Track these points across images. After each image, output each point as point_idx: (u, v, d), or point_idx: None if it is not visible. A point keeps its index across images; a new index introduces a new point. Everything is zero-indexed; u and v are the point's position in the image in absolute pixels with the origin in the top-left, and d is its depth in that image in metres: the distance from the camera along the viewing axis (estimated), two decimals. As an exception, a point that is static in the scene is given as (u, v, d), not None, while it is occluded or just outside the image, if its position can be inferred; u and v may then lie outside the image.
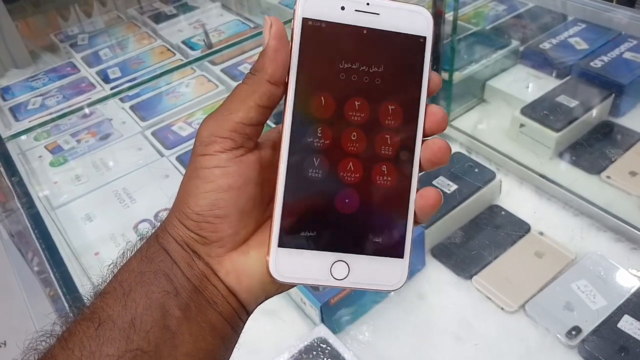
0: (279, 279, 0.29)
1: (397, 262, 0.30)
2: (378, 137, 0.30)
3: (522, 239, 0.78)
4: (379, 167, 0.30)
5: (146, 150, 0.99)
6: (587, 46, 1.02)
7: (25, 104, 1.14)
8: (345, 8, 0.29)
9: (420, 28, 0.30)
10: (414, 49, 0.30)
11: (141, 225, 0.83)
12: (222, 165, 0.29)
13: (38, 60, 1.34)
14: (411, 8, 0.30)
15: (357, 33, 0.29)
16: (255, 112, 0.29)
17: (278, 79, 0.29)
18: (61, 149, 1.01)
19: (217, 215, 0.29)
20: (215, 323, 0.29)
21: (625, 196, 0.82)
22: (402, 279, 0.30)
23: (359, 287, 0.30)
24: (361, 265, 0.30)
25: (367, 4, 0.29)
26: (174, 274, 0.29)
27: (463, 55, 1.04)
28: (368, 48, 0.30)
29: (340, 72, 0.29)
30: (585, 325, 0.67)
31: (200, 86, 1.13)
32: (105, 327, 0.27)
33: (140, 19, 1.40)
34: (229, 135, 0.29)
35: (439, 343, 0.69)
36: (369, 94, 0.30)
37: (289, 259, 0.29)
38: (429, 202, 0.30)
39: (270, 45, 0.28)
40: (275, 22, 0.28)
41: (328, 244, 0.30)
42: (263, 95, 0.29)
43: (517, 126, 0.92)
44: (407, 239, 0.30)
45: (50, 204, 0.89)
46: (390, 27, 0.30)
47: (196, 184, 0.29)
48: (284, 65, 0.29)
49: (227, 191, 0.29)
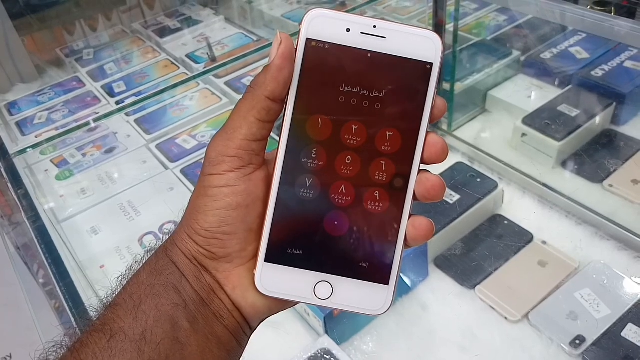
0: (263, 292, 0.30)
1: (382, 289, 0.30)
2: (373, 163, 0.30)
3: (525, 248, 0.78)
4: (371, 192, 0.30)
5: (151, 163, 1.00)
6: (588, 55, 1.02)
7: (32, 119, 1.16)
8: (351, 30, 0.29)
9: (427, 54, 0.29)
10: (419, 75, 0.29)
11: (146, 238, 0.84)
12: (230, 184, 0.29)
13: (44, 75, 1.36)
14: (420, 33, 0.29)
15: (360, 56, 0.29)
16: (257, 128, 0.29)
17: (277, 97, 0.29)
18: (67, 163, 1.02)
19: (225, 232, 0.29)
20: (221, 336, 0.30)
21: (627, 204, 0.82)
22: (386, 305, 0.30)
23: (342, 309, 0.31)
24: (345, 288, 0.30)
25: (373, 27, 0.29)
26: (182, 286, 0.29)
27: (465, 66, 1.04)
28: (370, 72, 0.29)
29: (341, 94, 0.29)
30: (589, 335, 0.67)
31: (204, 99, 1.14)
32: (117, 339, 0.27)
33: (145, 33, 1.42)
34: (236, 154, 0.29)
35: (442, 353, 0.69)
36: (368, 119, 0.29)
37: (274, 274, 0.30)
38: (421, 234, 0.30)
39: (275, 64, 0.28)
40: (285, 41, 0.28)
41: (313, 264, 0.30)
42: (262, 110, 0.29)
43: (519, 136, 0.92)
44: (395, 267, 0.30)
45: (56, 217, 0.90)
46: (396, 52, 0.29)
47: (205, 202, 0.29)
48: (284, 84, 0.29)
49: (236, 209, 0.29)
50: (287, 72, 0.29)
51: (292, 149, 0.30)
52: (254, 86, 0.29)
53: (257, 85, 0.29)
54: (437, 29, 0.92)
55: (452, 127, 1.00)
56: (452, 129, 1.00)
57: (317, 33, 0.29)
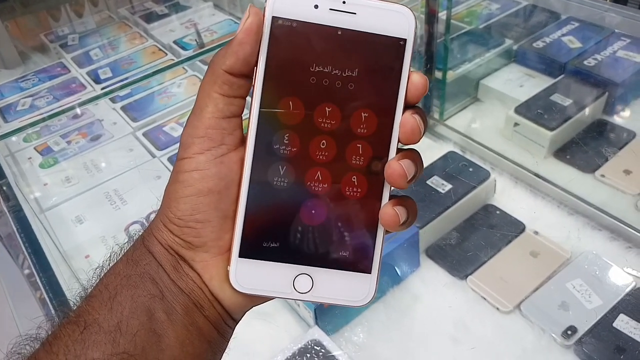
0: (239, 290, 0.28)
1: (364, 278, 0.29)
2: (349, 146, 0.28)
3: (517, 239, 0.77)
4: (348, 177, 0.28)
5: (137, 151, 0.98)
6: (581, 45, 1.02)
7: (15, 105, 1.13)
8: (319, 6, 0.27)
9: (400, 29, 0.28)
10: (391, 52, 0.28)
11: (132, 227, 0.82)
12: (200, 168, 0.28)
13: (28, 60, 1.33)
14: (392, 7, 0.28)
15: (330, 34, 0.27)
16: (222, 103, 0.28)
17: (237, 71, 0.27)
18: (51, 150, 1.00)
19: (198, 220, 0.28)
20: (202, 327, 0.29)
21: (620, 195, 0.82)
22: (369, 295, 0.29)
23: (324, 302, 0.29)
24: (325, 279, 0.29)
25: (343, 3, 0.27)
26: (159, 277, 0.28)
27: (456, 54, 1.03)
28: (341, 50, 0.28)
29: (311, 75, 0.28)
30: (581, 325, 0.66)
31: (192, 86, 1.12)
32: (90, 331, 0.26)
33: (132, 18, 1.39)
34: (205, 134, 0.28)
35: (434, 344, 0.68)
36: (341, 100, 0.28)
37: (249, 270, 0.28)
38: (393, 219, 0.28)
39: (237, 38, 0.27)
40: (253, 16, 0.27)
41: (291, 257, 0.29)
42: (223, 85, 0.27)
43: (511, 125, 0.91)
44: (376, 254, 0.29)
45: (40, 206, 0.88)
46: (367, 28, 0.28)
47: (176, 188, 0.28)
48: (244, 60, 0.27)
49: (207, 195, 0.28)
50: (248, 47, 0.27)
51: (262, 134, 0.28)
52: (213, 61, 0.28)
53: (215, 59, 0.28)
54: (429, 17, 0.91)
55: (443, 116, 0.99)
56: (443, 118, 0.99)
57: (283, 10, 0.27)
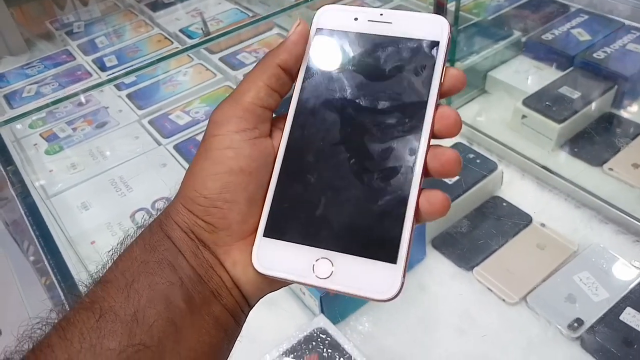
0: (260, 270, 0.28)
1: (389, 268, 0.27)
2: (381, 136, 0.29)
3: (524, 231, 0.77)
4: (379, 167, 0.29)
5: (143, 139, 0.98)
6: (590, 37, 1.01)
7: (20, 92, 1.13)
8: (359, 19, 0.31)
9: (434, 33, 0.30)
10: (424, 53, 0.30)
11: (138, 214, 0.82)
12: (234, 146, 0.28)
13: (33, 47, 1.33)
14: (426, 16, 0.31)
15: (367, 39, 0.31)
16: (264, 93, 0.29)
17: (288, 67, 0.30)
18: (57, 137, 1.00)
19: (226, 199, 0.28)
20: (219, 316, 0.28)
21: (627, 188, 0.81)
22: (394, 288, 0.27)
23: (344, 291, 0.28)
24: (347, 266, 0.28)
25: (380, 14, 0.31)
26: (178, 263, 0.28)
27: (464, 46, 1.03)
28: (377, 53, 0.30)
29: (349, 74, 0.30)
30: (587, 318, 0.66)
31: (198, 75, 1.11)
32: (106, 319, 0.26)
33: (137, 6, 1.38)
34: (243, 115, 0.28)
35: (440, 334, 0.68)
36: (376, 95, 0.30)
37: (272, 250, 0.28)
38: (436, 208, 0.28)
39: (291, 38, 0.30)
40: (302, 24, 0.31)
41: (313, 239, 0.28)
42: (272, 76, 0.29)
43: (519, 117, 0.91)
44: (403, 244, 0.27)
45: (45, 193, 0.88)
46: (401, 34, 0.30)
47: (205, 166, 0.28)
48: (296, 58, 0.30)
49: (238, 175, 0.28)
50: (300, 47, 0.30)
51: (300, 119, 0.30)
52: (266, 55, 0.30)
53: (270, 53, 0.30)
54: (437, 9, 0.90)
55: (451, 108, 0.98)
56: (451, 110, 0.98)
57: (326, 23, 0.31)
